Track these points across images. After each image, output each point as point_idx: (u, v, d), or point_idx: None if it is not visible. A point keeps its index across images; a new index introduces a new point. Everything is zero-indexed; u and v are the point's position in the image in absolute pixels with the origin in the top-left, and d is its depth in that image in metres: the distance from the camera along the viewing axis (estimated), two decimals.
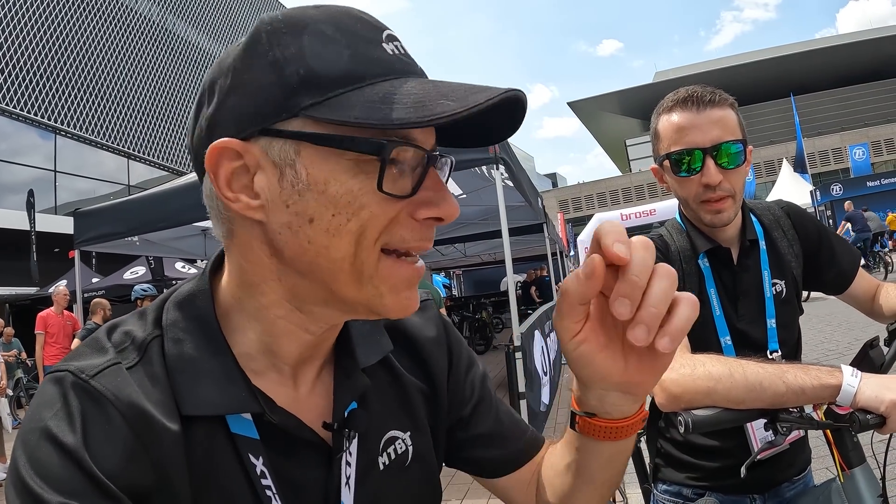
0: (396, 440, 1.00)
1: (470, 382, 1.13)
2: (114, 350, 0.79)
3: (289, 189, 0.74)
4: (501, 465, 1.13)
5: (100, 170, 29.73)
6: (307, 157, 0.73)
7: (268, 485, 0.81)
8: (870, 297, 1.92)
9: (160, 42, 36.01)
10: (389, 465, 0.97)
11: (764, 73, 64.32)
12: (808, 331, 10.30)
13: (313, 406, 0.90)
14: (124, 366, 0.78)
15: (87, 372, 0.75)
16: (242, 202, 0.77)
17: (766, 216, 1.95)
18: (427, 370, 1.07)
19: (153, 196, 6.41)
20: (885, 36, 61.84)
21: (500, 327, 19.11)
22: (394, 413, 1.01)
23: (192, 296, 0.86)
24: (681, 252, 1.87)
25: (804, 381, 1.35)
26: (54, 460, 0.69)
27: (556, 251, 20.32)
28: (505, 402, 1.19)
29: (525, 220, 11.41)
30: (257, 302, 0.83)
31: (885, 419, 1.28)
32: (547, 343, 9.10)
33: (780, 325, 1.83)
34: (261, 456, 0.82)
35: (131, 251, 9.41)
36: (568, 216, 51.85)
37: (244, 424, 0.82)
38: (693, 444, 1.89)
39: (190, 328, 0.83)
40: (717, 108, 1.71)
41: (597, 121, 76.38)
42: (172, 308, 0.85)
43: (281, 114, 0.73)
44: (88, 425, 0.71)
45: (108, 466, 0.70)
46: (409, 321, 1.09)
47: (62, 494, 0.67)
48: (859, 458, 1.49)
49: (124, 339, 0.81)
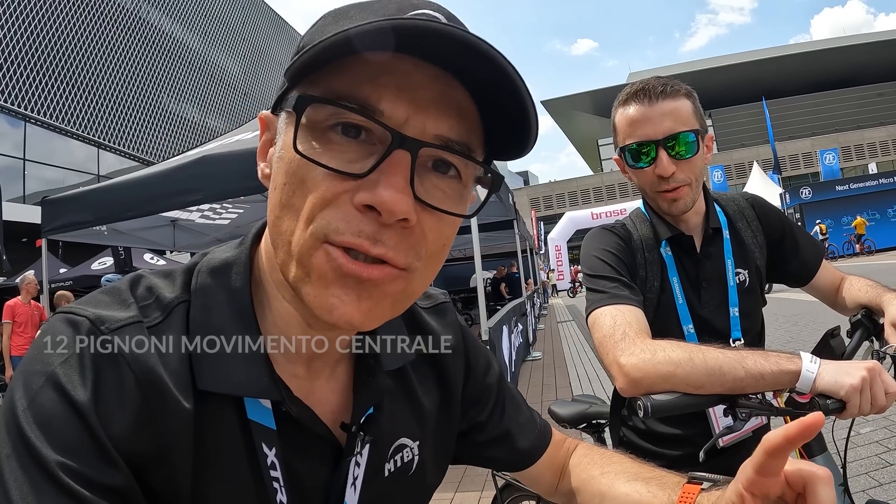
0: (405, 448, 0.98)
1: (487, 387, 1.14)
2: (136, 305, 0.76)
3: (275, 158, 0.75)
4: (517, 462, 1.16)
5: (69, 159, 29.25)
6: (287, 127, 0.72)
7: (276, 476, 0.78)
8: (834, 289, 1.94)
9: (133, 30, 35.63)
10: (394, 472, 0.96)
11: (737, 76, 65.00)
12: (775, 329, 10.45)
13: (326, 402, 0.87)
14: (146, 324, 0.74)
15: (107, 324, 0.71)
16: (261, 170, 0.80)
17: (730, 206, 1.97)
18: (443, 378, 1.06)
19: (122, 184, 6.31)
20: (858, 44, 62.73)
21: (470, 323, 19.10)
22: (405, 420, 0.99)
23: (227, 265, 0.83)
24: (643, 240, 1.88)
25: (763, 366, 1.35)
26: (59, 412, 0.65)
27: (527, 248, 20.42)
28: (518, 396, 1.21)
29: (495, 217, 11.44)
30: (272, 279, 0.81)
31: (845, 404, 1.28)
32: (511, 338, 9.16)
33: (743, 313, 1.84)
34: (274, 447, 0.78)
35: (99, 241, 9.26)
36: (539, 214, 52.18)
37: (262, 412, 0.78)
38: (655, 432, 1.90)
39: (220, 299, 0.79)
40: (670, 100, 1.72)
41: (569, 120, 76.75)
42: (205, 274, 0.82)
43: (284, 86, 0.74)
44: (100, 383, 0.67)
45: (114, 431, 0.66)
46: (430, 326, 1.07)
47: (61, 451, 0.63)
48: (820, 447, 1.50)
49: (148, 295, 0.78)
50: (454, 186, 0.74)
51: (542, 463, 1.17)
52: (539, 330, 17.53)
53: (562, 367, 10.72)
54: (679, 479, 1.00)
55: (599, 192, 62.65)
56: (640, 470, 1.07)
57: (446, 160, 0.73)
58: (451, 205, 0.73)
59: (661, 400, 1.36)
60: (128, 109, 34.00)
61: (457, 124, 0.71)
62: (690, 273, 1.86)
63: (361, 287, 0.69)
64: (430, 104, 0.70)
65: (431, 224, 0.72)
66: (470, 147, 0.73)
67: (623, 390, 1.49)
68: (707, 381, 1.38)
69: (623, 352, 1.49)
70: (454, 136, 0.71)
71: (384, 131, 0.68)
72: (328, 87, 0.69)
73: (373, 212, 0.67)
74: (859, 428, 5.07)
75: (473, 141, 0.74)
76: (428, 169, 0.72)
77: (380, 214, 0.67)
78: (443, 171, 0.73)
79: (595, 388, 8.48)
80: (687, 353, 1.41)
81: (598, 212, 38.50)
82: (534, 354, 12.41)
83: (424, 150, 0.69)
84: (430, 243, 0.73)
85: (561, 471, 1.18)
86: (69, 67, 29.88)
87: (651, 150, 1.72)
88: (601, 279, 1.74)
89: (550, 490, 1.19)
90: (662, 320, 1.79)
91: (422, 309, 1.08)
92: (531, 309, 15.80)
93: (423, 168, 0.71)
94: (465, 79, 0.71)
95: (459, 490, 5.04)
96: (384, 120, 0.68)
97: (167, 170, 5.81)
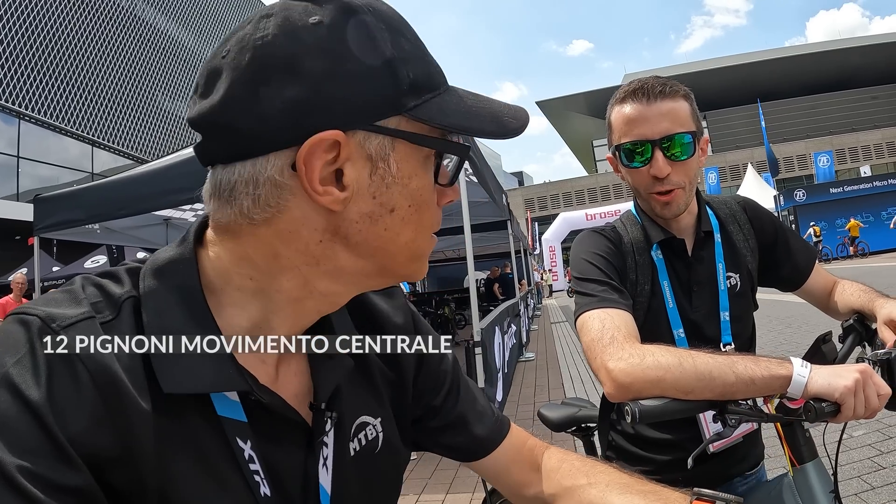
0: (367, 426, 0.99)
1: (442, 372, 1.14)
2: (88, 302, 0.74)
3: (378, 182, 0.78)
4: (474, 449, 1.15)
5: (63, 156, 29.24)
6: (399, 153, 0.78)
7: (255, 469, 0.79)
8: (826, 293, 1.93)
9: (128, 28, 35.54)
10: (360, 451, 0.96)
11: (732, 78, 65.08)
12: (767, 332, 10.48)
13: (290, 385, 0.88)
14: (99, 320, 0.73)
15: (58, 321, 0.70)
16: (333, 196, 0.75)
17: (722, 210, 1.96)
18: (394, 358, 1.06)
19: (115, 183, 6.31)
20: (853, 47, 62.92)
21: (463, 324, 19.16)
22: (364, 398, 1.00)
23: (173, 264, 0.82)
24: (634, 243, 1.87)
25: (754, 371, 1.34)
26: (13, 413, 0.63)
27: (521, 249, 20.46)
28: (474, 386, 1.22)
29: (489, 217, 11.45)
30: (277, 284, 0.81)
31: (839, 407, 1.28)
32: (504, 339, 9.15)
33: (734, 318, 1.83)
34: (248, 440, 0.79)
35: (92, 239, 9.26)
36: (533, 215, 52.26)
37: (232, 407, 0.78)
38: (645, 436, 1.89)
39: (172, 299, 0.78)
40: (668, 100, 1.71)
41: (564, 120, 76.79)
42: (150, 275, 0.80)
43: (389, 112, 0.76)
44: (55, 382, 0.66)
45: (71, 430, 0.65)
46: (379, 306, 1.08)
47: (18, 453, 0.61)
48: (811, 453, 1.48)
49: (98, 292, 0.76)
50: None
51: (506, 456, 1.16)
52: (532, 331, 17.57)
53: (555, 368, 10.75)
54: (680, 496, 0.98)
55: (594, 193, 62.71)
56: (631, 482, 1.05)
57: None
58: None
59: (648, 405, 1.35)
60: (122, 107, 33.92)
61: None
62: (681, 277, 1.85)
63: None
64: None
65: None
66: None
67: (611, 395, 1.47)
68: (697, 387, 1.36)
69: (611, 356, 1.48)
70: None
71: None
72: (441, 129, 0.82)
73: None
74: (852, 431, 5.09)
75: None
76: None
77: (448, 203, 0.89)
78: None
79: (588, 389, 8.49)
80: (676, 358, 1.40)
81: (593, 213, 38.62)
82: (527, 355, 12.44)
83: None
84: None
85: (531, 469, 1.17)
86: (64, 65, 29.81)
87: (647, 149, 1.70)
88: (590, 282, 1.73)
89: (519, 490, 1.17)
90: (653, 324, 1.78)
91: (372, 292, 1.09)
92: (525, 310, 15.83)
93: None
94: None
95: (451, 492, 5.04)
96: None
97: (161, 168, 5.82)
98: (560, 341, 14.44)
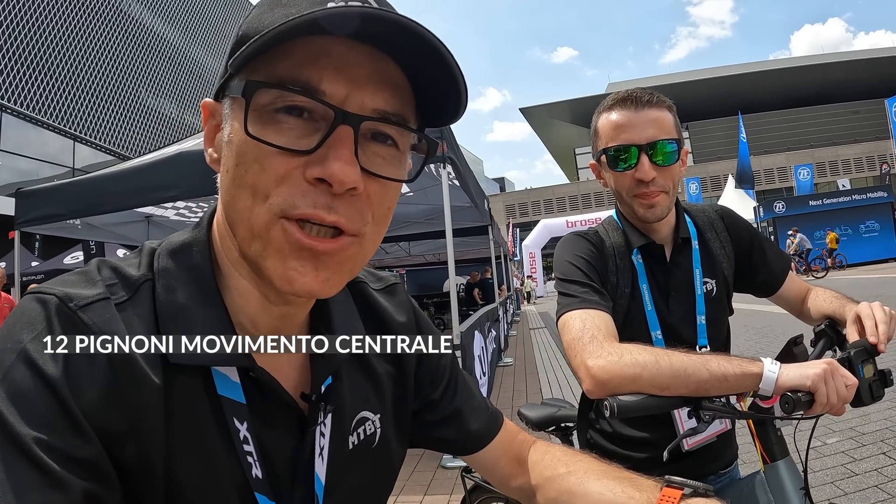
0: (367, 421, 1.01)
1: (441, 367, 1.17)
2: (103, 284, 0.77)
3: (223, 142, 0.80)
4: (468, 443, 1.17)
5: (43, 150, 28.88)
6: (233, 112, 0.77)
7: (249, 451, 0.80)
8: (800, 299, 1.98)
9: (113, 23, 35.15)
10: (358, 445, 0.98)
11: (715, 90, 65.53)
12: (745, 341, 10.54)
13: (287, 375, 0.90)
14: (113, 301, 0.76)
15: (75, 301, 0.73)
16: (209, 155, 0.84)
17: (700, 217, 2.01)
18: (397, 355, 1.07)
19: (98, 178, 6.26)
20: (836, 61, 63.58)
21: (443, 328, 19.15)
22: (365, 394, 1.02)
23: (186, 245, 0.86)
24: (615, 248, 1.91)
25: (727, 368, 1.39)
26: (31, 387, 0.66)
27: (501, 254, 20.45)
28: (471, 380, 1.24)
29: (470, 222, 11.45)
30: (228, 258, 0.84)
31: (813, 397, 1.33)
32: (486, 343, 9.16)
33: (710, 321, 1.88)
34: (245, 421, 0.81)
35: (73, 234, 9.14)
36: (515, 221, 52.32)
37: (231, 387, 0.81)
38: (622, 435, 1.93)
39: (183, 277, 0.82)
40: (655, 109, 1.77)
41: (547, 128, 76.98)
42: (165, 256, 0.84)
43: (226, 73, 0.79)
44: (70, 358, 0.68)
45: (86, 404, 0.67)
46: (381, 305, 1.11)
47: (35, 425, 0.64)
48: (783, 451, 1.53)
49: (113, 275, 0.79)
50: (393, 154, 0.81)
51: (497, 449, 1.19)
52: (511, 336, 17.57)
53: (533, 372, 10.74)
54: (652, 482, 1.00)
55: (575, 201, 62.96)
56: (608, 469, 1.07)
57: (384, 131, 0.79)
58: (392, 171, 0.80)
59: (626, 401, 1.39)
60: (105, 103, 33.57)
61: (391, 97, 0.78)
62: (660, 281, 1.90)
63: (318, 259, 0.75)
64: (367, 81, 0.76)
65: (376, 190, 0.78)
66: (404, 117, 0.80)
67: (590, 392, 1.52)
68: (672, 383, 1.41)
69: (591, 354, 1.52)
70: (390, 108, 0.78)
71: (327, 109, 0.73)
72: (271, 73, 0.74)
73: (324, 184, 0.73)
74: (826, 438, 5.16)
75: (407, 111, 0.81)
76: (368, 140, 0.78)
77: (331, 186, 0.73)
78: (381, 141, 0.79)
79: (565, 393, 8.51)
80: (653, 356, 1.45)
81: (574, 220, 38.68)
82: (506, 360, 12.43)
83: (365, 124, 0.75)
84: (376, 208, 0.80)
85: (517, 462, 1.20)
86: (47, 58, 29.47)
87: (633, 154, 1.75)
88: (572, 284, 1.77)
89: (506, 481, 1.20)
90: (632, 326, 1.82)
91: (374, 291, 1.12)
92: (504, 315, 15.83)
93: (365, 139, 0.77)
94: (398, 55, 0.77)
95: (429, 493, 5.03)
96: (326, 99, 0.73)
97: (143, 165, 5.79)
98: (539, 347, 14.44)
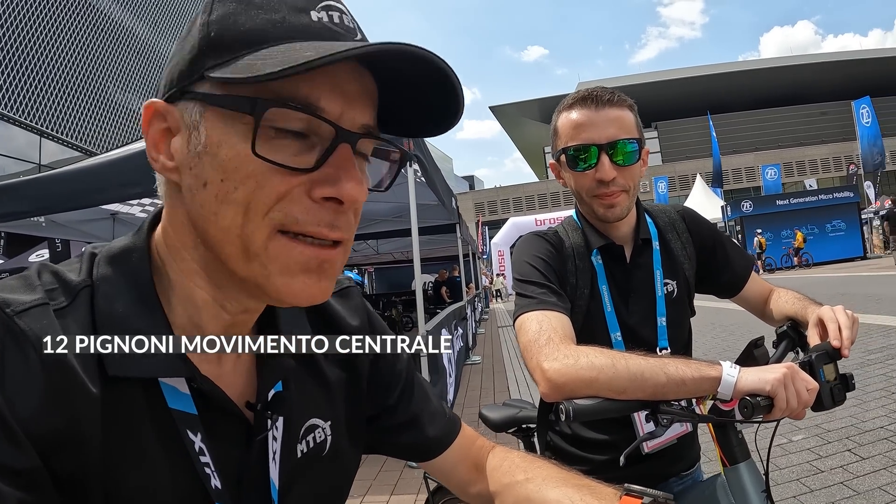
0: (317, 428, 0.99)
1: (397, 372, 1.15)
2: (42, 289, 0.75)
3: (193, 152, 0.75)
4: (427, 449, 1.16)
5: (9, 146, 28.49)
6: (209, 120, 0.73)
7: (206, 462, 0.79)
8: (762, 300, 1.98)
9: (81, 16, 34.85)
10: (307, 453, 0.96)
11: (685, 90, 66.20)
12: (711, 339, 10.64)
13: (233, 383, 0.87)
14: (52, 307, 0.73)
15: (12, 307, 0.70)
16: (160, 162, 0.78)
17: (661, 218, 2.00)
18: (350, 360, 1.06)
19: (62, 175, 6.15)
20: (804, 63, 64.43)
21: (410, 326, 19.18)
22: (315, 401, 1.00)
23: (126, 251, 0.83)
24: (574, 248, 1.89)
25: (685, 372, 1.38)
26: None
27: (469, 252, 20.47)
28: (427, 385, 1.23)
29: (438, 220, 11.44)
30: (179, 267, 0.81)
31: (772, 401, 1.32)
32: (452, 341, 9.17)
33: (671, 323, 1.87)
34: (199, 432, 0.79)
35: (38, 232, 9.00)
36: (484, 219, 52.58)
37: (182, 399, 0.78)
38: (582, 437, 1.91)
39: (122, 286, 0.79)
40: (615, 108, 1.76)
41: (517, 126, 77.44)
42: (104, 263, 0.81)
43: (193, 75, 0.74)
44: (5, 365, 0.66)
45: (20, 413, 0.65)
46: (334, 309, 1.08)
47: None
48: (744, 453, 1.52)
49: (53, 280, 0.77)
50: (364, 164, 0.81)
51: (454, 455, 1.17)
52: (480, 334, 17.60)
53: (500, 371, 10.78)
54: (612, 490, 0.98)
55: (544, 199, 63.40)
56: (567, 476, 1.06)
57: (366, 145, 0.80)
58: (369, 181, 0.82)
59: (583, 405, 1.38)
60: (73, 98, 33.21)
61: (373, 112, 0.79)
62: (620, 282, 1.88)
63: (321, 270, 0.76)
64: (357, 97, 0.75)
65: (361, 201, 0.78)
66: (375, 128, 0.80)
67: (546, 395, 1.50)
68: (629, 387, 1.40)
69: (547, 357, 1.51)
70: (372, 122, 0.79)
71: (329, 128, 0.72)
72: (269, 89, 0.70)
73: (332, 202, 0.74)
74: (791, 436, 5.21)
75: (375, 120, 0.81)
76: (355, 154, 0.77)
77: (341, 204, 0.74)
78: (361, 153, 0.79)
79: (533, 391, 8.53)
80: (609, 359, 1.43)
81: (542, 218, 38.71)
82: (473, 359, 12.45)
83: (360, 141, 0.76)
84: (357, 217, 0.80)
85: (476, 468, 1.18)
86: (12, 51, 29.03)
87: (593, 153, 1.73)
88: (530, 284, 1.76)
89: (465, 488, 1.19)
90: (591, 327, 1.81)
91: None
92: (472, 313, 15.85)
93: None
94: (380, 71, 0.78)
95: (395, 493, 5.04)
96: (326, 116, 0.72)
97: (109, 161, 5.70)
98: (506, 345, 14.48)
